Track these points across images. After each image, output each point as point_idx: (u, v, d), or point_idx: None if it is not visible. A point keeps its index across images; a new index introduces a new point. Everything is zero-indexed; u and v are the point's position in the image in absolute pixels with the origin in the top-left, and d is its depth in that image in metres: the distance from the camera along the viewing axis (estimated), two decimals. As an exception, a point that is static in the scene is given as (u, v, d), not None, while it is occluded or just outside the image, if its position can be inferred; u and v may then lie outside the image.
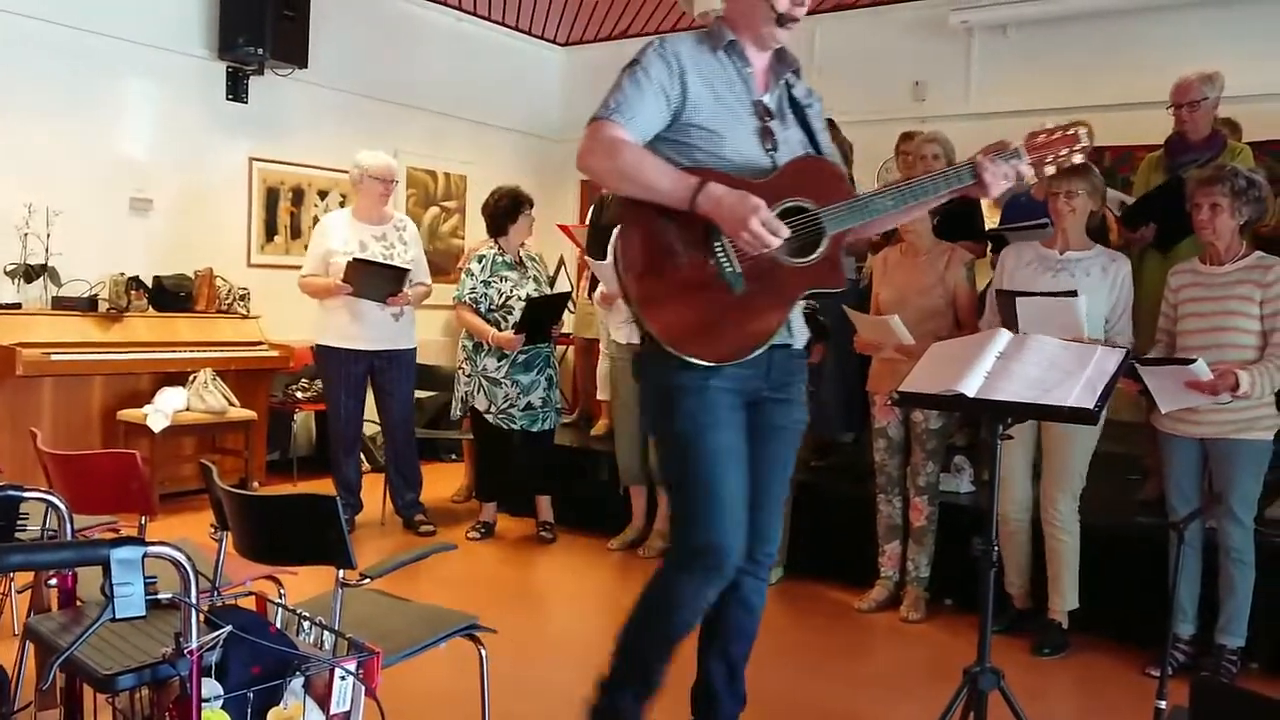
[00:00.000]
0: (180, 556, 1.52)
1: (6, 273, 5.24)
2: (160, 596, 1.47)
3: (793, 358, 2.42)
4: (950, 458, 4.36)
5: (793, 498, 4.06)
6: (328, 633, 1.89)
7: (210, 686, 1.60)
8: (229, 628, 1.62)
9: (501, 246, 4.99)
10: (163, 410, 5.18)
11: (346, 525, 2.26)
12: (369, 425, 5.35)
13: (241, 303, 6.05)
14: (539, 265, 5.15)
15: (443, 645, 2.43)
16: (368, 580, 2.38)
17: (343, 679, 1.68)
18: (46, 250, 5.30)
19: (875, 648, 3.86)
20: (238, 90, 6.28)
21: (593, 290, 5.35)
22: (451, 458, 6.80)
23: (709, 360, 2.23)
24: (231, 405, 5.47)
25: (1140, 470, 4.49)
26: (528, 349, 4.89)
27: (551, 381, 5.03)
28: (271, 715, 1.66)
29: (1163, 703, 2.50)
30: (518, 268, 4.98)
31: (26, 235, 5.26)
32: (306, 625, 1.90)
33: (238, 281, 6.11)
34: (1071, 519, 3.64)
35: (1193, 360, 3.17)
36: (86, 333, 5.30)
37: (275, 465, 6.21)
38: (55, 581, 2.50)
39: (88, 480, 2.89)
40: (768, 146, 2.32)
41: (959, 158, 4.64)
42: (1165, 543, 3.50)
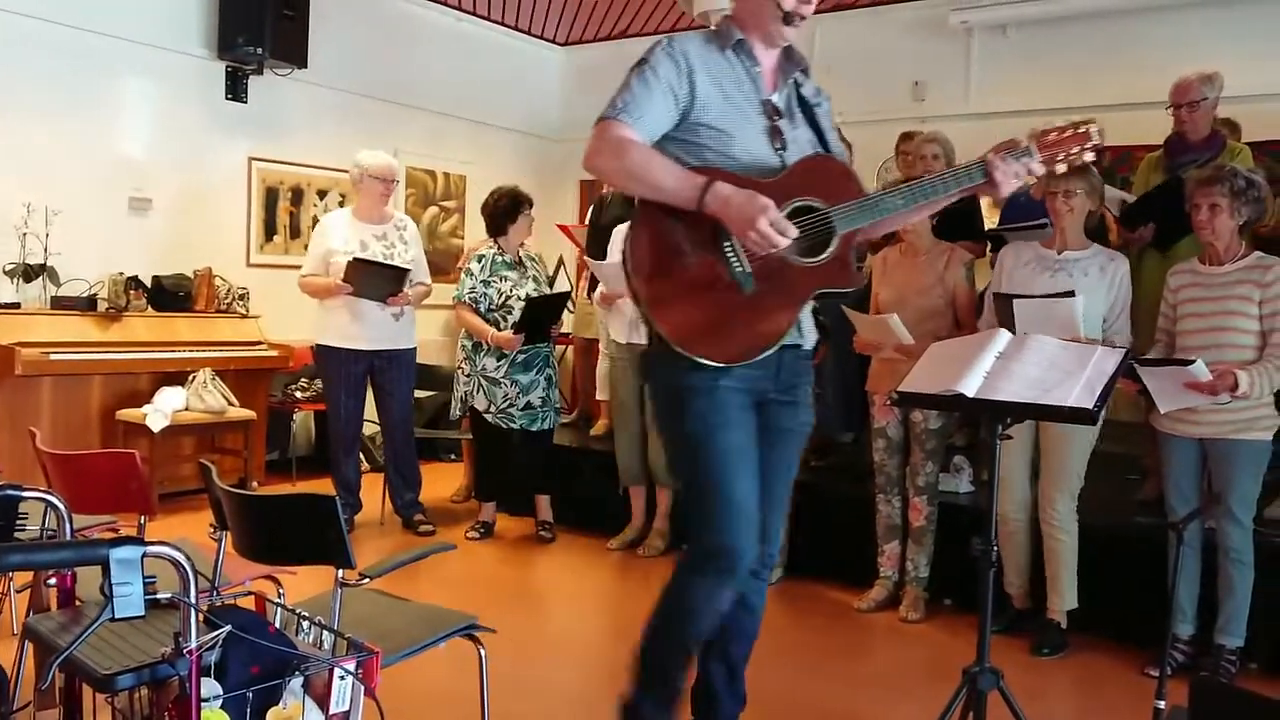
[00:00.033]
0: (179, 556, 1.52)
1: (5, 272, 5.24)
2: (159, 596, 1.47)
3: (800, 359, 2.40)
4: (949, 458, 4.36)
5: (792, 498, 4.05)
6: (327, 632, 1.89)
7: (209, 686, 1.60)
8: (228, 627, 1.62)
9: (501, 246, 4.99)
10: (162, 410, 5.17)
11: (345, 525, 2.26)
12: (368, 425, 5.35)
13: (241, 302, 6.05)
14: (538, 265, 5.15)
15: (442, 645, 2.43)
16: (367, 580, 2.38)
17: (342, 679, 1.68)
18: (45, 250, 5.30)
19: (874, 648, 3.86)
20: (237, 90, 6.28)
21: (592, 290, 5.35)
22: (450, 457, 6.80)
23: (719, 361, 2.20)
24: (231, 405, 5.46)
25: (1140, 470, 4.49)
26: (527, 349, 4.89)
27: (551, 381, 5.03)
28: (271, 715, 1.66)
29: (1162, 703, 2.50)
30: (517, 267, 4.98)
31: (25, 235, 5.25)
32: (306, 625, 1.90)
33: (237, 281, 6.11)
34: (1069, 519, 3.64)
35: (1191, 361, 3.17)
36: (85, 332, 5.30)
37: (274, 465, 6.21)
38: (54, 581, 2.50)
39: (87, 480, 2.89)
40: (777, 146, 2.30)
41: (958, 158, 4.64)
42: (1164, 543, 3.50)
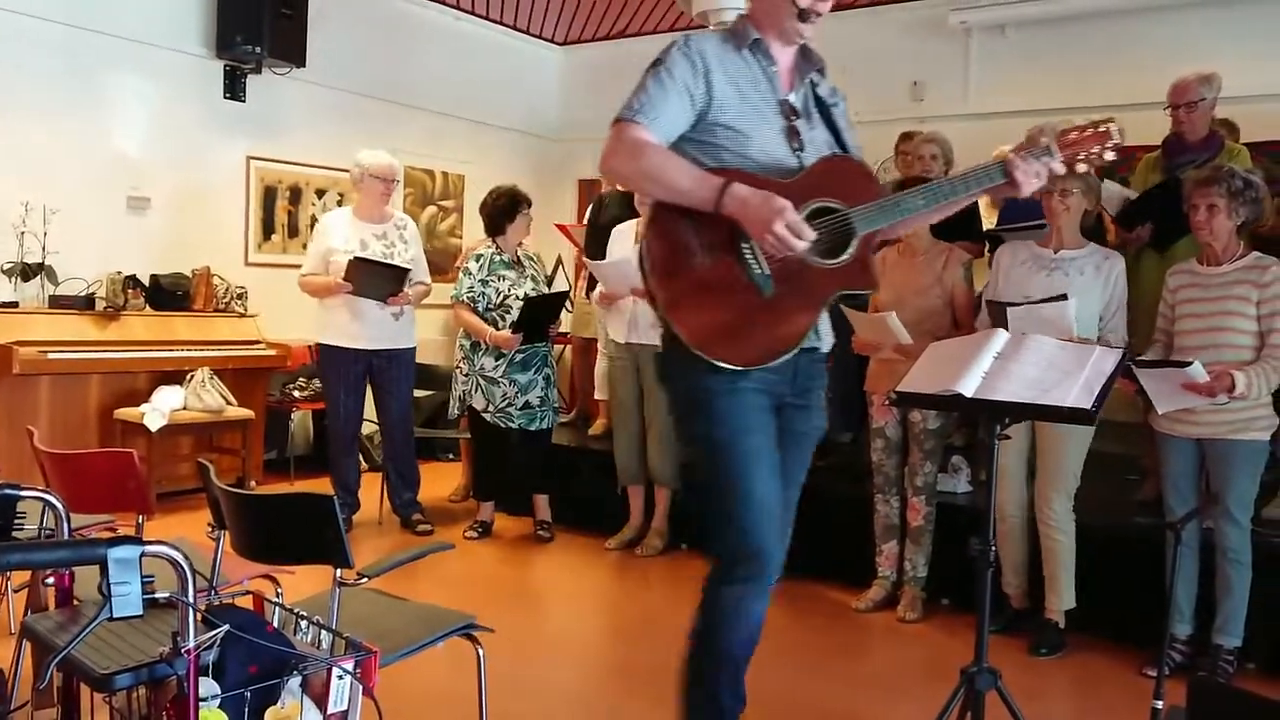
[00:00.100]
0: (177, 556, 1.52)
1: (3, 271, 5.23)
2: (157, 596, 1.47)
3: (816, 362, 2.38)
4: (948, 458, 4.36)
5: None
6: (325, 632, 1.89)
7: (207, 686, 1.60)
8: (226, 627, 1.62)
9: (499, 246, 4.99)
10: (160, 409, 5.17)
11: (344, 525, 2.26)
12: (366, 424, 5.35)
13: (239, 301, 6.05)
14: (537, 264, 5.15)
15: (440, 644, 2.43)
16: (365, 579, 2.38)
17: (340, 678, 1.68)
18: (44, 249, 5.29)
19: (873, 647, 3.86)
20: (235, 89, 6.27)
21: (590, 290, 5.35)
22: (449, 457, 6.79)
23: (737, 364, 2.17)
24: (229, 404, 5.46)
25: (1139, 470, 4.49)
26: (525, 348, 4.89)
27: (549, 380, 5.03)
28: (269, 715, 1.66)
29: (1160, 703, 2.50)
30: (515, 267, 4.98)
31: (23, 234, 5.25)
32: (304, 624, 1.90)
33: (235, 280, 6.10)
34: (1066, 518, 3.64)
35: (1189, 362, 3.18)
36: (83, 331, 5.29)
37: (272, 464, 6.21)
38: (52, 580, 2.50)
39: (85, 479, 2.89)
40: (794, 146, 2.27)
41: (957, 158, 4.65)
42: (1162, 543, 3.50)
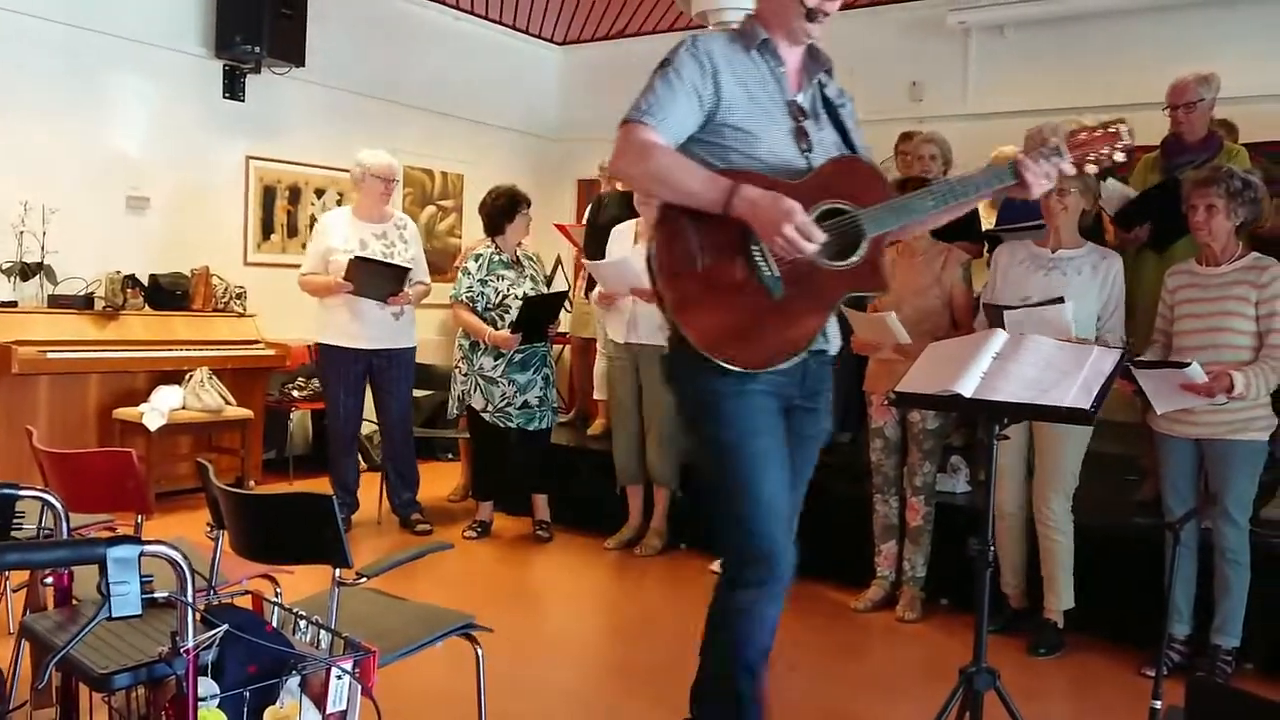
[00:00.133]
0: (176, 555, 1.52)
1: (2, 270, 5.23)
2: (156, 595, 1.47)
3: (824, 364, 2.37)
4: (947, 458, 4.36)
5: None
6: (324, 632, 1.89)
7: (206, 685, 1.60)
8: (225, 627, 1.62)
9: (498, 245, 4.99)
10: (159, 409, 5.17)
11: (343, 524, 2.26)
12: (365, 424, 5.34)
13: (238, 301, 6.05)
14: (536, 264, 5.15)
15: (439, 644, 2.43)
16: (364, 579, 2.38)
17: (339, 678, 1.68)
18: (43, 248, 5.29)
19: (871, 647, 3.87)
20: (235, 88, 6.27)
21: (590, 290, 5.34)
22: (448, 457, 6.79)
23: (747, 367, 2.16)
24: (228, 404, 5.46)
25: (1138, 471, 4.50)
26: (524, 348, 4.89)
27: (548, 380, 5.03)
28: (268, 714, 1.66)
29: (1158, 703, 2.50)
30: (515, 267, 4.98)
31: (22, 233, 5.25)
32: (303, 624, 1.90)
33: (234, 280, 6.10)
34: (1065, 518, 3.64)
35: (1187, 363, 3.18)
36: (82, 331, 5.29)
37: (271, 464, 6.20)
38: (51, 580, 2.50)
39: (84, 479, 2.89)
40: (803, 147, 2.26)
41: (956, 158, 4.65)
42: (1161, 543, 3.50)
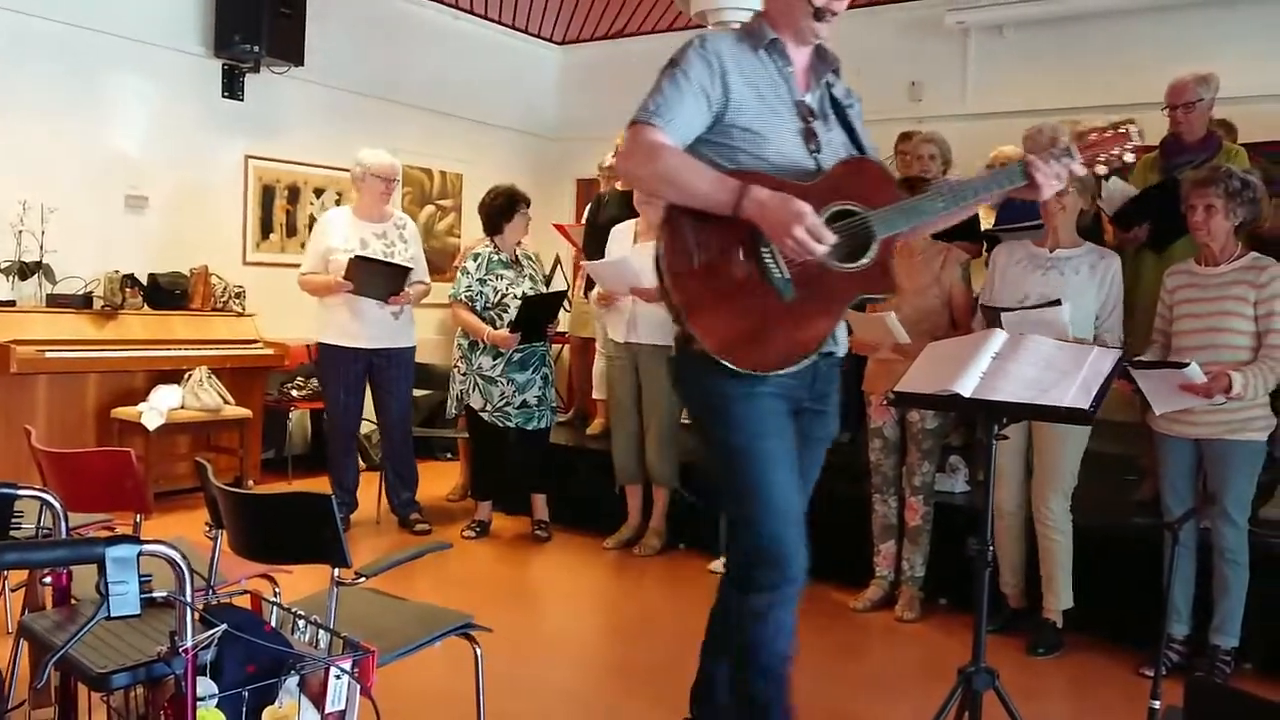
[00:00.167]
0: (175, 555, 1.52)
1: (1, 270, 5.23)
2: (155, 595, 1.47)
3: (833, 366, 2.36)
4: (945, 458, 4.36)
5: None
6: (323, 631, 1.89)
7: (205, 685, 1.60)
8: (224, 626, 1.62)
9: (497, 245, 4.98)
10: (157, 408, 5.17)
11: (341, 524, 2.26)
12: (364, 424, 5.34)
13: (237, 300, 6.04)
14: (535, 264, 5.14)
15: (438, 644, 2.43)
16: (363, 579, 2.38)
17: (338, 678, 1.68)
18: (41, 247, 5.29)
19: (870, 647, 3.87)
20: (233, 88, 6.27)
21: (589, 289, 5.34)
22: (447, 456, 6.79)
23: (758, 369, 2.14)
24: (226, 403, 5.45)
25: (1137, 471, 4.50)
26: (523, 347, 4.89)
27: (547, 380, 5.03)
28: (266, 714, 1.66)
29: (1157, 703, 2.51)
30: (513, 266, 4.98)
31: (21, 232, 5.25)
32: (301, 624, 1.90)
33: (233, 279, 6.10)
34: (1064, 518, 3.64)
35: (1186, 364, 3.18)
36: (81, 330, 5.29)
37: (270, 464, 6.20)
38: (50, 580, 2.50)
39: (82, 478, 2.89)
40: (811, 148, 2.24)
41: (955, 158, 4.66)
42: (1160, 543, 3.50)
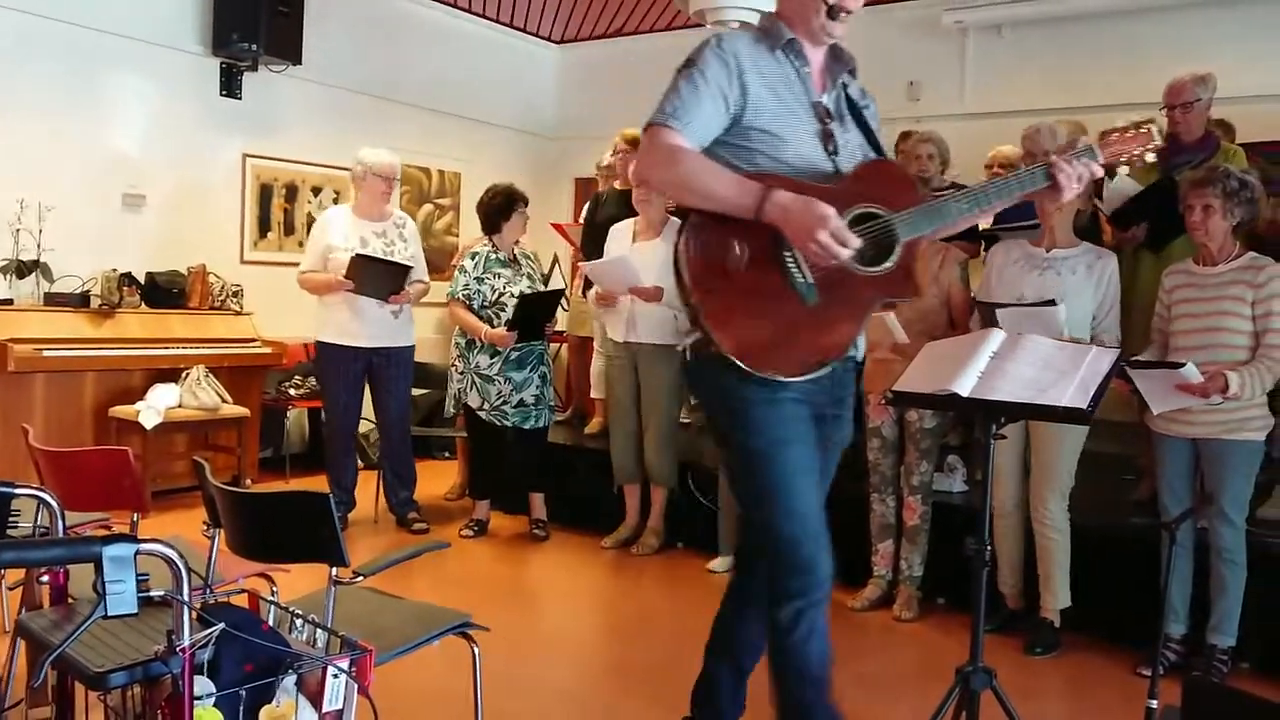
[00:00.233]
0: (172, 554, 1.52)
1: (-1, 268, 5.23)
2: (152, 594, 1.47)
3: (850, 371, 2.34)
4: (944, 457, 4.36)
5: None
6: (320, 630, 1.88)
7: (202, 684, 1.60)
8: (221, 625, 1.62)
9: (495, 244, 4.98)
10: (155, 407, 5.16)
11: (339, 523, 2.26)
12: (362, 423, 5.34)
13: (234, 299, 6.04)
14: (533, 263, 5.14)
15: (436, 643, 2.43)
16: (361, 578, 2.37)
17: (335, 677, 1.68)
18: (39, 246, 5.28)
19: (868, 647, 3.86)
20: (231, 86, 6.26)
21: (587, 288, 5.34)
22: (445, 455, 6.79)
23: (782, 375, 2.11)
24: (224, 402, 5.45)
25: (1134, 470, 4.50)
26: (521, 346, 4.89)
27: (545, 379, 5.03)
28: (264, 713, 1.66)
29: (1154, 702, 2.51)
30: (511, 265, 4.98)
31: (19, 231, 5.24)
32: (299, 623, 1.90)
33: (231, 278, 6.09)
34: (1061, 518, 3.65)
35: (1183, 364, 3.18)
36: (79, 329, 5.28)
37: (268, 462, 6.19)
38: (47, 578, 2.50)
39: (79, 477, 2.89)
40: (829, 149, 2.20)
41: (954, 158, 4.66)
42: (1158, 543, 3.50)
